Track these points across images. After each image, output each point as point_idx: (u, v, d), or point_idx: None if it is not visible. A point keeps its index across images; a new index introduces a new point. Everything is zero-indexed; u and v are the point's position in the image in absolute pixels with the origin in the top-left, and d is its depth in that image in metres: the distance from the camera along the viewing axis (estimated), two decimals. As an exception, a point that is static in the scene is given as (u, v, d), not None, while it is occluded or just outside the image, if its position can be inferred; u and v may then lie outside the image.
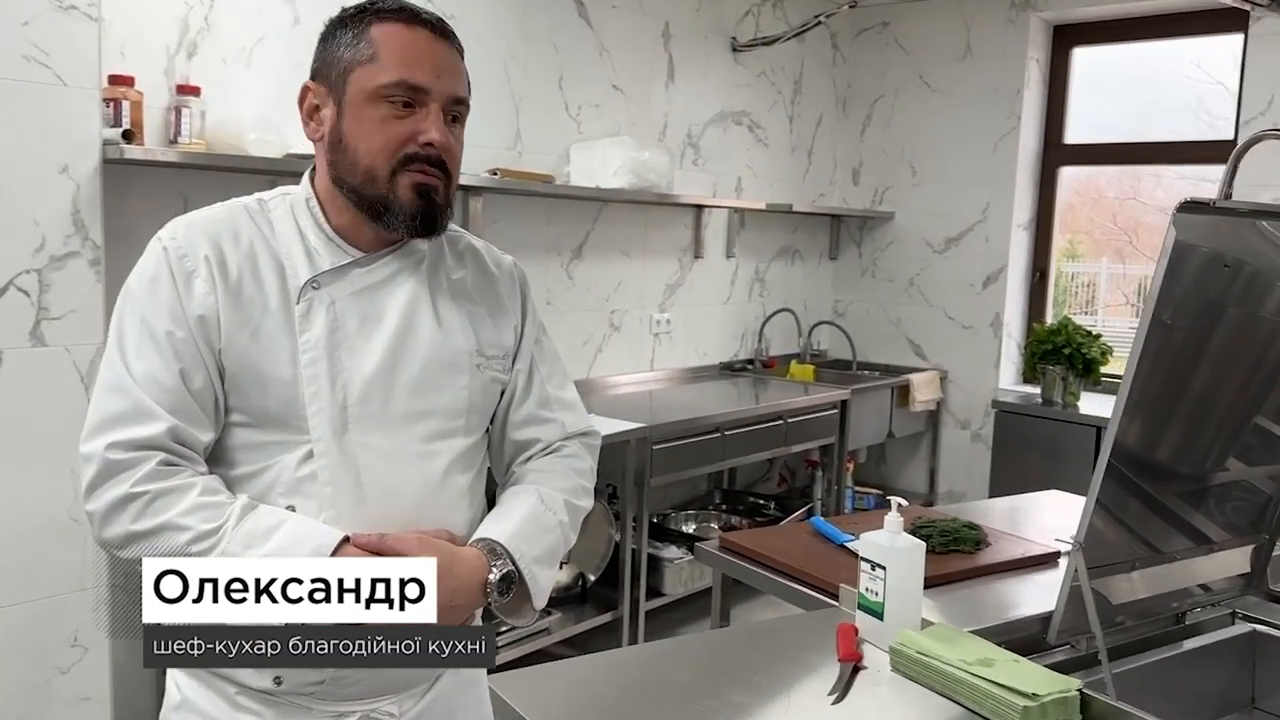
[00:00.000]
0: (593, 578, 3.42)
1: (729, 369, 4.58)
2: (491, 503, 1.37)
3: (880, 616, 1.50)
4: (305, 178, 1.31)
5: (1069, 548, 2.06)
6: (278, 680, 1.21)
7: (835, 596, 1.71)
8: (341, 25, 1.25)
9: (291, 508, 1.19)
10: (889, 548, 1.50)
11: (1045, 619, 1.56)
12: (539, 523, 1.31)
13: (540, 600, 1.29)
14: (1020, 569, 1.92)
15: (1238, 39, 3.97)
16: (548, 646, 3.18)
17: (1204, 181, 4.40)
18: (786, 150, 4.80)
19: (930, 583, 1.73)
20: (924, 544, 1.52)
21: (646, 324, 4.18)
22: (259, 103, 2.78)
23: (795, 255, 4.97)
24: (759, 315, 4.77)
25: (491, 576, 1.22)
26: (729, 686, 1.35)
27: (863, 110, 5.06)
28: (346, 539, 1.16)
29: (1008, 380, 4.72)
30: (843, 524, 2.09)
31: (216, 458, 1.23)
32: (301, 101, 1.27)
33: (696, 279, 4.40)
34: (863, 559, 1.54)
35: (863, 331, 5.04)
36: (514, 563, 1.25)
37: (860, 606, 1.54)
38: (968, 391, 4.76)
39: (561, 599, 3.34)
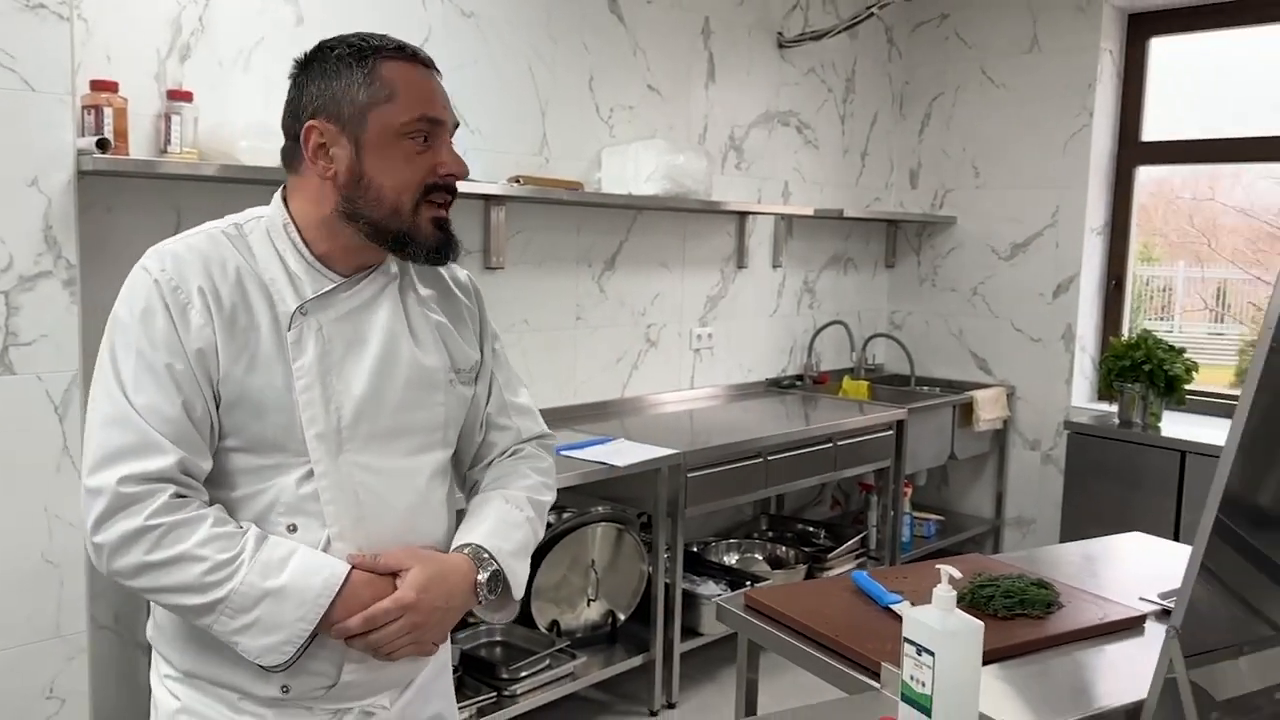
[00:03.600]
0: (623, 616, 3.17)
1: (776, 386, 4.30)
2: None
3: (928, 712, 1.24)
4: (278, 202, 1.32)
5: (1153, 608, 1.78)
6: (285, 689, 1.25)
7: (878, 675, 1.45)
8: (346, 65, 1.25)
9: (293, 526, 1.24)
10: (939, 630, 1.23)
11: (1131, 712, 1.28)
12: (508, 521, 1.39)
13: (519, 592, 1.37)
14: (1100, 637, 1.64)
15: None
16: (577, 690, 2.94)
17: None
18: (838, 152, 4.51)
19: (991, 657, 1.45)
20: (982, 626, 1.24)
21: (686, 339, 3.93)
22: (259, 108, 2.59)
23: (848, 264, 4.68)
24: (809, 328, 4.49)
25: (481, 577, 1.31)
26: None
27: (921, 108, 4.75)
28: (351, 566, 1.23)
29: (1081, 398, 4.36)
30: (891, 579, 1.82)
31: (214, 480, 1.24)
32: (306, 141, 1.26)
33: (740, 290, 4.13)
34: (907, 640, 1.27)
35: (922, 345, 4.73)
36: (497, 562, 1.33)
37: (904, 698, 1.27)
38: (1037, 410, 4.42)
39: (589, 639, 3.10)
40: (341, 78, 1.24)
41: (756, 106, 4.07)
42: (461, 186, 2.82)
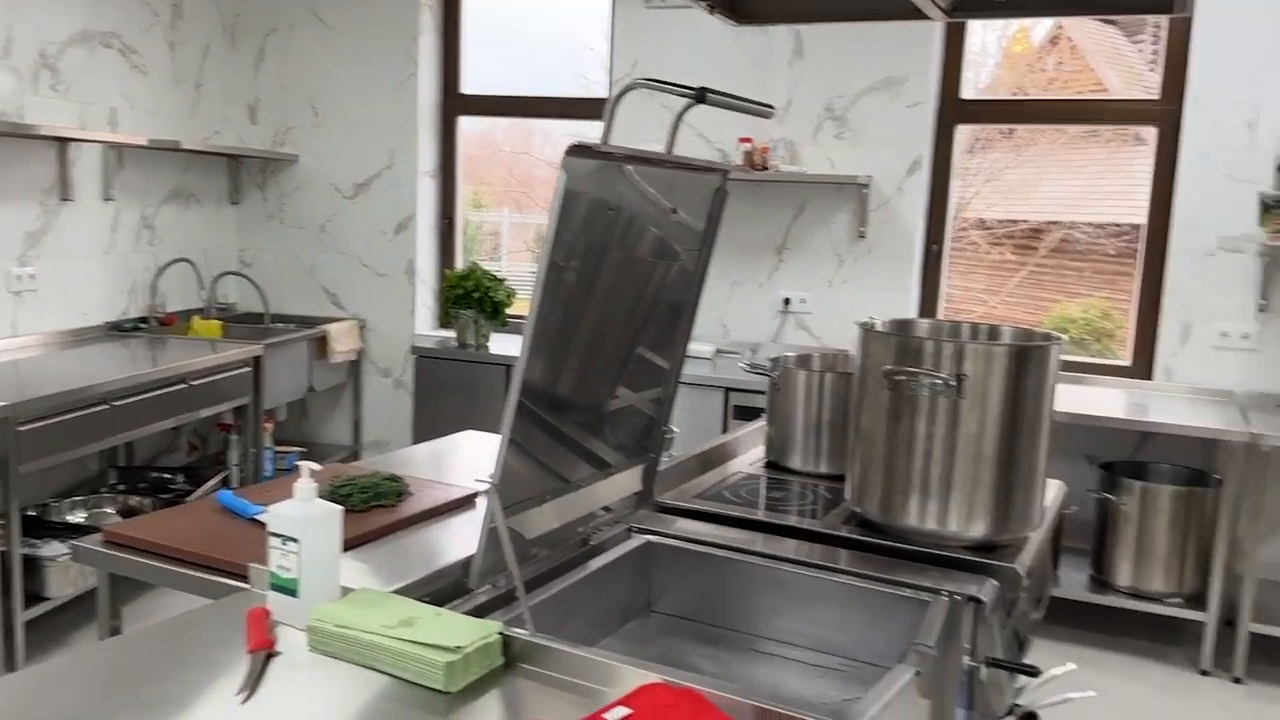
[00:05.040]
0: (-55, 597, 2.78)
1: (118, 329, 4.01)
2: None
3: (295, 594, 1.38)
4: None
5: (485, 486, 2.14)
6: None
7: (248, 578, 1.55)
8: None
9: None
10: (301, 518, 1.37)
11: (467, 563, 1.56)
12: None
13: None
14: (444, 514, 1.93)
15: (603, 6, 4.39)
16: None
17: (582, 137, 4.83)
18: (170, 81, 4.28)
19: (352, 544, 1.64)
20: (340, 509, 1.42)
21: (3, 280, 3.47)
22: None
23: (190, 199, 4.49)
24: (150, 267, 4.24)
25: None
26: (120, 710, 1.13)
27: (255, 43, 4.70)
28: None
29: (424, 326, 4.79)
30: (255, 494, 1.91)
31: None
32: None
33: (66, 226, 3.75)
34: (271, 534, 1.39)
35: (274, 282, 4.75)
36: None
37: (273, 586, 1.40)
38: (387, 339, 4.75)
39: (-100, 631, 2.67)
40: None
41: (71, 24, 3.68)
42: None
